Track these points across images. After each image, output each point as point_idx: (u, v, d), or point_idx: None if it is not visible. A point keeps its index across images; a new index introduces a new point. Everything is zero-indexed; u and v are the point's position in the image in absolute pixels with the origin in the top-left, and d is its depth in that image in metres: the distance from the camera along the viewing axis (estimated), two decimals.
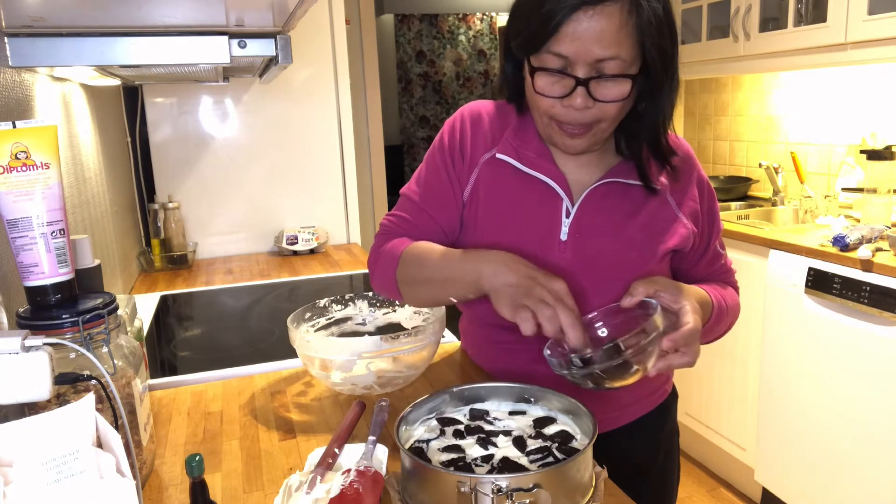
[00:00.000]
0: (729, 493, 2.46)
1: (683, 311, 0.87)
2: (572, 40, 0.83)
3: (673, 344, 0.83)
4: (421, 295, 1.01)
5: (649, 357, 0.83)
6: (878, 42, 2.00)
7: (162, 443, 0.99)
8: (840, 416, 1.93)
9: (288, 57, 1.04)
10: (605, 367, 0.81)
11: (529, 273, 0.84)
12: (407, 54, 5.58)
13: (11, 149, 0.74)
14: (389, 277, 1.01)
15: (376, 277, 1.05)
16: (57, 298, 0.78)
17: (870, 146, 2.27)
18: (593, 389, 0.85)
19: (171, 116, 2.35)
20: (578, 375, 0.83)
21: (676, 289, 0.90)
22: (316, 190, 2.53)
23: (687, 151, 1.04)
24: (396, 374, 1.09)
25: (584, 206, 0.98)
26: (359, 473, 0.79)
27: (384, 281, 1.03)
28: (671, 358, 0.84)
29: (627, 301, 0.89)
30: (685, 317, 0.86)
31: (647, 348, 0.82)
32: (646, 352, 0.82)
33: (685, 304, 0.87)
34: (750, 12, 2.45)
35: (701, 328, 0.87)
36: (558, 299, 0.80)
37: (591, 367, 0.82)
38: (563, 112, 0.89)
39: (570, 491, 0.71)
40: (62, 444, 0.58)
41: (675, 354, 0.84)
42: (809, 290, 1.99)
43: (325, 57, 2.47)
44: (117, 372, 0.80)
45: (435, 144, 1.06)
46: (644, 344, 0.81)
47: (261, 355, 1.37)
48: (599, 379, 0.83)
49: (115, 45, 0.95)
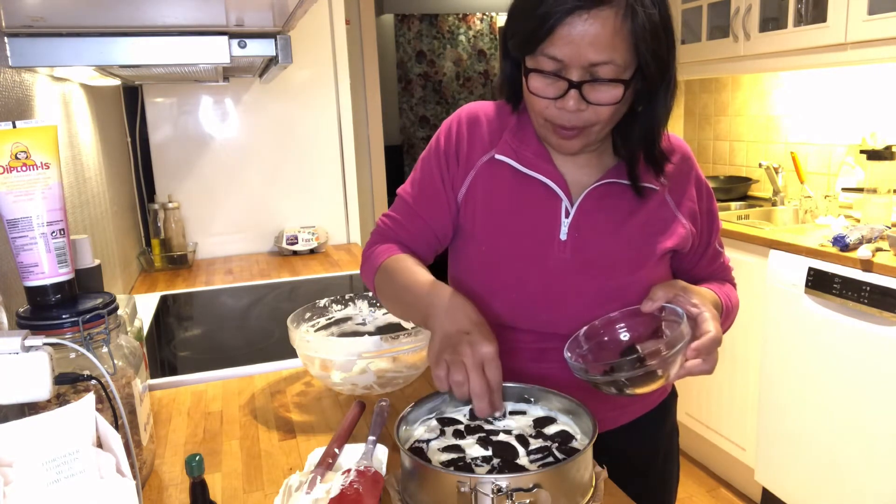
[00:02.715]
0: (729, 493, 2.46)
1: (703, 318, 0.87)
2: (566, 43, 0.83)
3: (697, 353, 0.84)
4: (389, 307, 1.05)
5: (672, 365, 0.83)
6: (878, 42, 2.00)
7: (162, 443, 0.99)
8: (840, 416, 1.93)
9: (288, 57, 1.04)
10: (630, 376, 0.81)
11: (466, 328, 0.82)
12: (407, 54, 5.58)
13: (11, 149, 0.74)
14: (370, 281, 1.05)
15: (363, 275, 1.10)
16: (57, 298, 0.78)
17: (870, 146, 2.27)
18: (615, 395, 0.85)
19: (171, 116, 2.35)
20: (601, 382, 0.83)
21: (695, 294, 0.90)
22: (316, 190, 2.53)
23: (685, 152, 1.04)
24: (396, 374, 1.09)
25: (583, 205, 0.98)
26: (359, 473, 0.79)
27: (367, 281, 1.08)
28: (691, 365, 0.84)
29: (648, 306, 0.90)
30: (705, 324, 0.86)
31: (673, 357, 0.82)
32: (671, 360, 0.82)
33: (704, 310, 0.88)
34: (750, 12, 2.45)
35: (721, 335, 0.88)
36: (477, 365, 0.78)
37: (616, 375, 0.82)
38: (557, 114, 0.89)
39: (570, 491, 0.71)
40: (62, 444, 0.58)
41: (695, 362, 0.85)
42: (809, 290, 1.99)
43: (325, 57, 2.47)
44: (117, 372, 0.80)
45: (431, 146, 1.06)
46: (671, 354, 0.81)
47: (261, 355, 1.37)
48: (622, 385, 0.82)
49: (115, 45, 0.95)
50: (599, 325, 0.93)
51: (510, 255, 0.99)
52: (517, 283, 0.99)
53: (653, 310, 0.90)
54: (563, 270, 0.97)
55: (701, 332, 0.86)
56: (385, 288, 1.01)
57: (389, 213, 1.09)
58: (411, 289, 0.94)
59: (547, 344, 0.99)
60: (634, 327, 0.92)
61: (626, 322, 0.93)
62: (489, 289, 1.01)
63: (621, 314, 0.93)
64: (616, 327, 0.93)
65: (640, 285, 0.97)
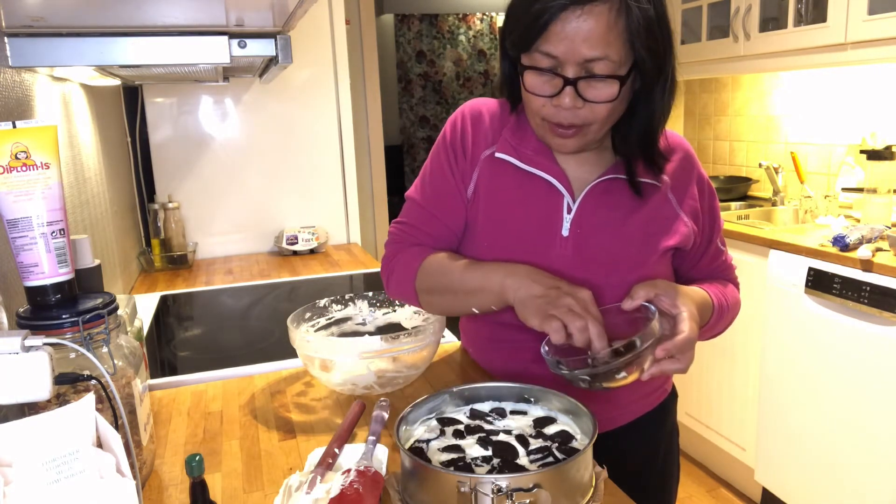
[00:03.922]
0: (729, 493, 2.46)
1: (681, 318, 0.88)
2: (560, 40, 0.83)
3: (666, 353, 0.85)
4: (443, 305, 1.02)
5: (644, 362, 0.84)
6: (878, 42, 2.00)
7: (162, 443, 0.99)
8: (840, 416, 1.93)
9: (288, 57, 1.04)
10: (598, 371, 0.83)
11: (555, 283, 0.86)
12: (407, 54, 5.58)
13: (11, 149, 0.74)
14: (408, 287, 1.03)
15: (392, 287, 1.07)
16: (57, 298, 0.78)
17: (870, 146, 2.27)
18: (586, 389, 0.86)
19: (171, 116, 2.35)
20: (573, 376, 0.84)
21: (676, 293, 0.90)
22: (316, 190, 2.53)
23: (686, 150, 1.04)
24: (396, 374, 1.09)
25: (585, 201, 0.98)
26: (359, 473, 0.79)
27: (402, 290, 1.04)
28: (664, 364, 0.86)
29: (628, 304, 0.90)
30: (682, 324, 0.87)
31: (643, 354, 0.83)
32: (641, 357, 0.83)
33: (683, 310, 0.88)
34: (750, 12, 2.45)
35: (697, 336, 0.89)
36: (586, 309, 0.82)
37: (587, 369, 0.83)
38: (553, 112, 0.89)
39: (570, 491, 0.71)
40: (62, 444, 0.58)
41: (668, 360, 0.86)
42: (809, 290, 1.99)
43: (325, 57, 2.47)
44: (117, 372, 0.80)
45: (438, 142, 1.06)
46: (640, 350, 0.82)
47: (261, 355, 1.37)
48: (593, 379, 0.84)
49: (115, 45, 0.95)
50: None
51: (511, 250, 0.99)
52: None
53: (632, 307, 0.90)
54: (565, 266, 0.97)
55: (676, 331, 0.87)
56: (436, 284, 0.99)
57: (402, 219, 1.07)
58: (473, 275, 0.95)
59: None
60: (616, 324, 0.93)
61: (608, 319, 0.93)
62: None
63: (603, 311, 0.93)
64: None
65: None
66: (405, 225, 1.06)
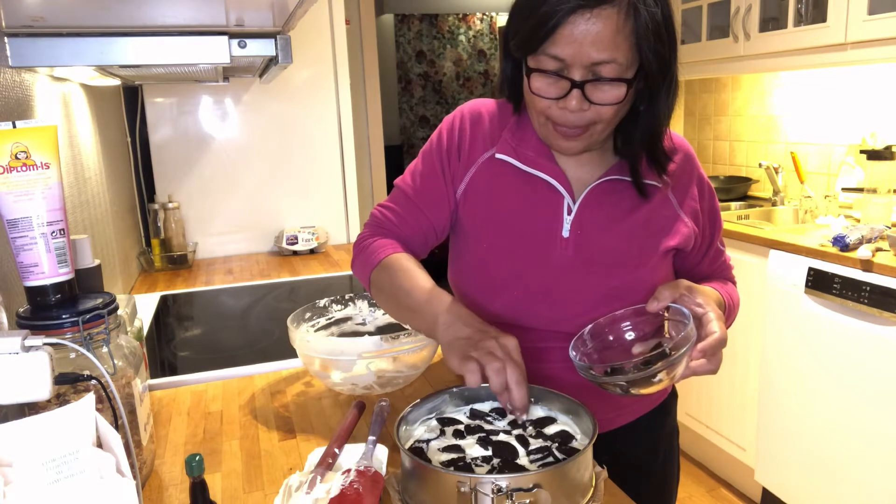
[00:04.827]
0: (729, 493, 2.46)
1: (708, 319, 0.87)
2: (568, 43, 0.83)
3: (703, 354, 0.84)
4: (386, 306, 1.03)
5: (678, 366, 0.83)
6: (878, 42, 2.00)
7: (162, 443, 0.99)
8: (840, 416, 1.93)
9: (288, 57, 1.04)
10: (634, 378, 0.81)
11: (483, 328, 0.84)
12: (407, 54, 5.58)
13: (11, 149, 0.74)
14: (365, 275, 1.03)
15: (356, 267, 1.07)
16: (57, 298, 0.78)
17: (870, 146, 2.27)
18: (620, 395, 0.85)
19: (171, 116, 2.35)
20: (606, 382, 0.83)
21: (700, 294, 0.90)
22: (316, 190, 2.53)
23: (687, 150, 1.04)
24: (396, 374, 1.09)
25: (585, 202, 0.98)
26: (359, 473, 0.79)
27: (361, 274, 1.05)
28: (696, 366, 0.84)
29: (654, 305, 0.89)
30: (710, 325, 0.86)
31: (680, 359, 0.82)
32: (677, 362, 0.82)
33: (710, 310, 0.87)
34: (750, 12, 2.45)
35: (727, 336, 0.87)
36: (507, 355, 0.79)
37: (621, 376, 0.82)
38: (559, 114, 0.89)
39: (570, 491, 0.71)
40: (62, 444, 0.58)
41: (700, 362, 0.85)
42: (809, 290, 1.99)
43: (325, 57, 2.47)
44: (117, 372, 0.80)
45: (433, 140, 1.06)
46: (678, 356, 0.81)
47: (261, 355, 1.37)
48: (627, 386, 0.82)
49: (115, 45, 0.95)
50: (604, 324, 0.93)
51: (512, 252, 0.99)
52: (519, 281, 0.99)
53: (658, 309, 0.89)
54: (565, 267, 0.97)
55: (706, 332, 0.86)
56: (384, 286, 0.99)
57: (386, 204, 1.07)
58: (414, 293, 0.93)
59: (548, 342, 0.99)
60: (639, 326, 0.92)
61: (631, 320, 0.93)
62: (490, 286, 1.01)
63: (626, 312, 0.93)
64: (621, 326, 0.93)
65: (643, 283, 0.97)
66: (390, 210, 1.06)
